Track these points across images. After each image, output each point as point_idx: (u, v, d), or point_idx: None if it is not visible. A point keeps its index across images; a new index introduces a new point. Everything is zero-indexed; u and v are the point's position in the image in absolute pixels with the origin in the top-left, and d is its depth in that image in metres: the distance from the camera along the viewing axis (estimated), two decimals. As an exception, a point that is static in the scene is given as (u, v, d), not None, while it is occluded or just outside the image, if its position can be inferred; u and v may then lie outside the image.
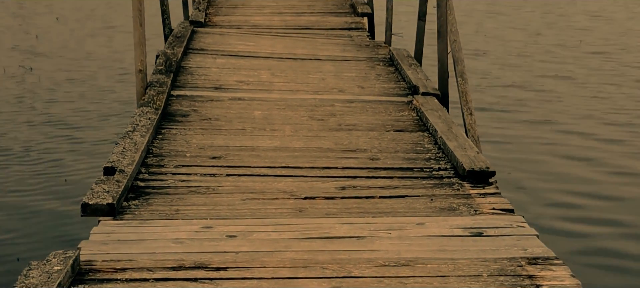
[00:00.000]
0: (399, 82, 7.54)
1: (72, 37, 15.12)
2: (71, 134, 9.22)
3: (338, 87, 7.27)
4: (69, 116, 10.00)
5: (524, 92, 11.68)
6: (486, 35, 16.11)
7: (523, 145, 9.13)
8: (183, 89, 7.03)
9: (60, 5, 18.24)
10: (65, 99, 10.88)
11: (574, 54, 14.40)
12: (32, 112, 10.24)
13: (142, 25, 6.64)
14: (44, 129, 9.44)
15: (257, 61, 8.15)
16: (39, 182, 7.81)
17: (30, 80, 11.88)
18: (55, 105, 10.58)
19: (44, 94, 11.10)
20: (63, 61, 13.14)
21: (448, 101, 6.92)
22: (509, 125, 9.98)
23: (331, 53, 8.74)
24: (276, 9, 12.05)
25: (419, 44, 8.16)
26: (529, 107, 10.87)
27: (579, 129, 9.87)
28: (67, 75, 12.24)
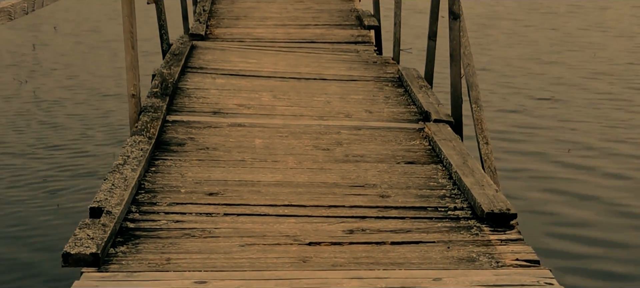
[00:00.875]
0: (409, 105, 7.11)
1: (72, 49, 14.60)
2: (61, 162, 8.66)
3: (344, 112, 6.84)
4: (62, 138, 9.47)
5: (533, 117, 10.92)
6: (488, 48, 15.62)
7: (539, 179, 8.45)
8: (179, 113, 6.61)
9: (61, 14, 17.74)
10: (60, 117, 10.37)
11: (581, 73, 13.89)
12: (22, 131, 9.74)
13: (135, 48, 6.23)
14: (36, 151, 8.97)
15: (259, 81, 7.73)
16: (30, 206, 7.40)
17: (25, 94, 11.44)
18: (49, 123, 10.08)
19: (38, 113, 10.55)
20: (60, 74, 12.64)
21: (462, 128, 6.50)
22: (520, 153, 9.32)
23: (337, 72, 8.32)
24: (280, 20, 11.64)
25: (430, 65, 7.74)
26: (540, 133, 10.15)
27: (602, 160, 9.05)
28: (64, 91, 11.73)
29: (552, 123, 10.49)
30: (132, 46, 6.22)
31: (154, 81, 7.15)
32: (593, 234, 7.10)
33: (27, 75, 12.50)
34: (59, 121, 10.15)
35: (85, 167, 8.36)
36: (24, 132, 9.63)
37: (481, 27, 17.15)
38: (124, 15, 6.19)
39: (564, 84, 12.65)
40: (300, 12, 12.22)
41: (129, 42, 6.21)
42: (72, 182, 7.94)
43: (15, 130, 9.74)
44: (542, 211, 7.54)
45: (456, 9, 6.31)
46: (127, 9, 6.16)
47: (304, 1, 13.03)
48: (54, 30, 16.20)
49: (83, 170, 8.29)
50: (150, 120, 6.10)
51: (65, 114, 10.56)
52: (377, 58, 9.28)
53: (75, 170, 8.29)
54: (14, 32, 15.46)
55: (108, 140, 9.22)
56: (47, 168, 8.34)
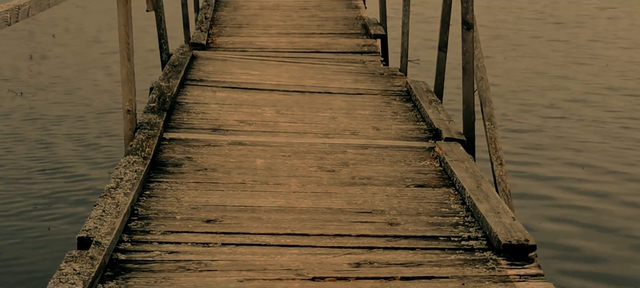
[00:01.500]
0: (418, 122, 6.78)
1: (70, 59, 14.09)
2: (54, 182, 8.22)
3: (350, 129, 6.51)
4: (57, 156, 9.02)
5: (543, 136, 10.25)
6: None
7: (554, 207, 7.88)
8: (177, 130, 6.28)
9: (61, 22, 17.27)
10: (55, 133, 9.89)
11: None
12: (15, 148, 9.31)
13: (131, 60, 5.91)
14: (29, 170, 8.58)
15: (261, 95, 7.40)
16: (19, 230, 7.07)
17: (19, 108, 11.03)
18: (44, 140, 9.60)
19: (32, 128, 10.06)
20: (57, 86, 12.21)
21: (474, 148, 6.17)
22: (532, 176, 8.70)
23: (342, 85, 7.99)
24: (284, 29, 11.32)
25: (440, 78, 7.41)
26: (552, 154, 9.53)
27: (618, 185, 8.44)
28: (61, 104, 11.26)
29: (564, 142, 9.93)
30: (128, 58, 5.90)
31: (151, 95, 6.83)
32: (615, 270, 6.65)
33: (22, 87, 12.05)
34: (54, 137, 9.71)
35: (80, 188, 7.97)
36: (17, 148, 9.21)
37: (485, 38, 16.79)
38: (120, 25, 5.88)
39: (576, 100, 11.99)
40: (304, 19, 11.91)
41: (124, 54, 5.90)
42: (66, 203, 7.58)
43: (8, 146, 9.33)
44: (560, 243, 7.06)
45: (469, 19, 5.98)
46: (124, 19, 5.85)
47: (309, 8, 12.71)
48: (53, 38, 15.75)
49: (78, 190, 7.91)
50: (145, 139, 5.78)
51: (61, 129, 10.11)
52: (384, 69, 8.95)
53: (69, 191, 7.89)
54: (10, 41, 15.06)
55: (105, 158, 8.83)
56: (39, 189, 7.95)
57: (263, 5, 12.94)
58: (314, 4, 12.98)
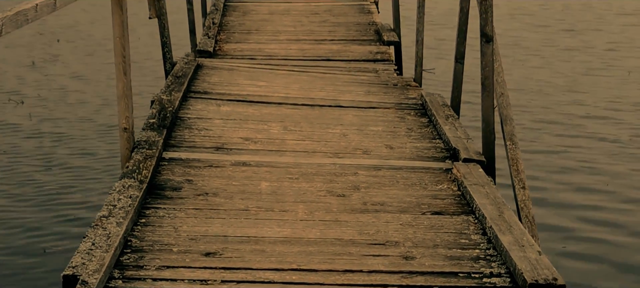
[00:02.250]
0: (434, 139, 6.38)
1: (74, 66, 13.57)
2: (50, 204, 7.72)
3: (362, 147, 6.12)
4: (54, 175, 8.51)
5: (565, 158, 9.38)
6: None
7: (579, 240, 7.14)
8: (178, 149, 5.91)
9: (66, 28, 16.79)
10: (54, 149, 9.37)
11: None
12: (12, 164, 8.80)
13: (127, 74, 5.54)
14: (24, 189, 8.13)
15: (268, 110, 7.02)
16: (9, 254, 6.71)
17: (18, 119, 10.52)
18: (42, 155, 9.07)
19: (30, 143, 9.52)
20: (59, 95, 11.73)
21: (495, 169, 5.77)
22: (555, 203, 7.95)
23: (354, 97, 7.60)
24: (294, 35, 10.94)
25: (456, 91, 7.01)
26: (575, 177, 8.74)
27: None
28: (62, 115, 10.74)
29: (589, 165, 9.12)
30: (125, 72, 5.54)
31: (151, 110, 6.46)
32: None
33: (23, 95, 11.60)
34: (53, 153, 9.20)
35: (78, 210, 7.54)
36: (14, 165, 8.77)
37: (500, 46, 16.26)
38: (115, 37, 5.51)
39: (594, 117, 11.15)
40: (315, 25, 11.53)
41: (120, 68, 5.53)
42: (60, 228, 7.19)
43: (4, 162, 8.91)
44: (589, 283, 6.47)
45: (489, 31, 5.59)
46: (119, 30, 5.48)
47: (320, 13, 12.34)
48: (57, 43, 15.32)
49: (76, 213, 7.49)
50: (143, 159, 5.41)
51: (61, 143, 9.59)
52: (397, 79, 8.57)
53: (65, 215, 7.45)
54: (14, 46, 14.63)
55: (106, 172, 8.44)
56: (33, 212, 7.50)
57: (273, 9, 12.57)
58: (326, 9, 12.60)
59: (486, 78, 5.61)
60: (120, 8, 5.41)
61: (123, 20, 5.44)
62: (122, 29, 5.45)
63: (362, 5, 12.79)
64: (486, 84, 5.63)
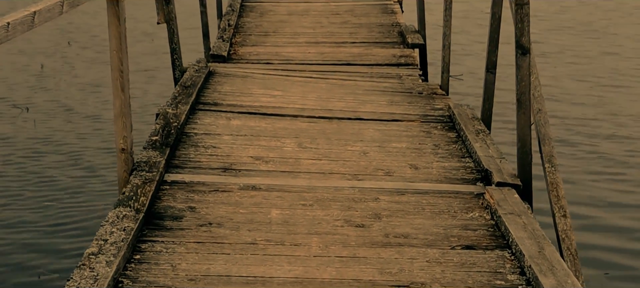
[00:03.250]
0: (463, 158, 5.82)
1: (85, 71, 12.79)
2: (45, 228, 7.06)
3: (384, 167, 5.57)
4: (54, 193, 7.83)
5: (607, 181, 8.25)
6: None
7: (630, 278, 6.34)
8: (181, 170, 5.38)
9: (78, 30, 16.06)
10: (56, 165, 8.57)
11: None
12: (8, 181, 8.13)
13: (125, 91, 5.03)
14: (19, 211, 7.51)
15: (282, 123, 6.48)
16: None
17: (22, 128, 9.85)
18: (41, 172, 8.32)
19: (30, 158, 8.73)
20: (67, 102, 11.05)
21: (531, 194, 5.21)
22: (596, 227, 7.13)
23: (375, 108, 7.05)
24: (313, 37, 10.40)
25: (487, 103, 6.45)
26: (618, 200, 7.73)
27: None
28: (68, 126, 10.00)
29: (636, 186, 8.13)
30: (122, 88, 5.02)
31: (155, 125, 5.94)
32: None
33: (29, 101, 10.97)
34: (54, 170, 8.43)
35: (75, 239, 6.96)
36: (10, 182, 8.13)
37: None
38: (111, 50, 5.00)
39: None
40: (336, 26, 10.97)
41: (117, 84, 5.02)
42: (55, 259, 6.65)
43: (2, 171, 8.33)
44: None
45: (525, 42, 5.02)
46: (116, 43, 4.97)
47: (341, 13, 11.78)
48: (68, 45, 14.69)
49: (73, 243, 6.91)
50: (141, 184, 4.89)
51: (64, 159, 8.79)
52: (422, 86, 8.00)
53: (60, 243, 6.85)
54: (22, 48, 14.04)
55: (112, 195, 7.74)
56: (26, 238, 6.89)
57: (292, 10, 12.03)
58: (347, 9, 12.05)
59: (522, 93, 5.05)
60: (117, 19, 4.89)
61: (121, 32, 4.92)
62: (120, 41, 4.94)
63: (385, 5, 12.23)
64: (522, 100, 5.06)
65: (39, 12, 3.85)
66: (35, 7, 3.85)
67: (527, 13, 4.90)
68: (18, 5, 14.49)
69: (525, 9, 4.88)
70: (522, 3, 4.86)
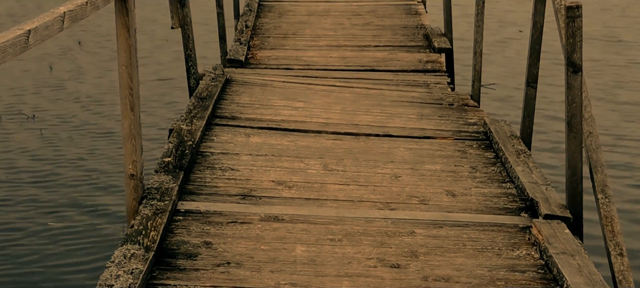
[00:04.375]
0: (504, 182, 5.32)
1: (96, 74, 12.10)
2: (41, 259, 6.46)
3: (418, 194, 5.08)
4: (59, 208, 7.29)
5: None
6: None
7: None
8: (196, 197, 4.91)
9: (89, 30, 15.35)
10: (58, 186, 7.90)
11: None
12: (12, 192, 7.57)
13: (135, 111, 4.56)
14: (22, 219, 7.04)
15: (306, 140, 6.00)
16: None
17: (26, 138, 9.18)
18: (42, 191, 7.71)
19: (31, 176, 8.06)
20: (75, 109, 10.44)
21: (582, 227, 4.71)
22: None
23: (405, 123, 6.56)
24: (334, 39, 9.92)
25: (528, 120, 5.95)
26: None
27: None
28: (75, 136, 9.39)
29: None
30: (132, 108, 4.55)
31: (167, 145, 5.47)
32: None
33: (36, 107, 10.32)
34: (56, 191, 7.76)
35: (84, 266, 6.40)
36: (13, 193, 7.59)
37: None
38: (120, 65, 4.53)
39: None
40: (358, 28, 10.49)
41: (126, 102, 4.55)
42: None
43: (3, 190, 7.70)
44: None
45: (577, 59, 4.52)
46: (125, 57, 4.50)
47: (363, 14, 11.30)
48: (79, 45, 14.05)
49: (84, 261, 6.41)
50: (152, 215, 4.43)
51: (68, 177, 8.10)
52: (452, 96, 7.52)
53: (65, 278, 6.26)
54: (31, 50, 13.28)
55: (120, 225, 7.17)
56: (24, 270, 6.34)
57: (311, 10, 11.55)
58: (368, 9, 11.56)
59: (573, 116, 4.55)
60: (126, 30, 4.43)
61: (130, 44, 4.46)
62: (130, 55, 4.47)
63: (409, 6, 11.73)
64: (573, 123, 4.56)
65: (35, 30, 3.38)
66: (30, 25, 3.39)
67: (579, 27, 4.40)
68: (45, 7, 13.85)
69: (578, 22, 4.38)
70: (574, 16, 4.36)
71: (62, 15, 3.63)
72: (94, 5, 3.92)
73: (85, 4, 3.81)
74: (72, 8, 3.71)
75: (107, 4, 4.10)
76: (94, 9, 3.92)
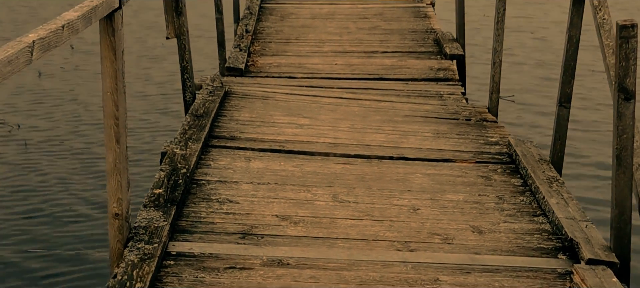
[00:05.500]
0: (535, 216, 4.74)
1: (86, 81, 11.40)
2: None
3: (441, 231, 4.51)
4: (39, 232, 6.65)
5: None
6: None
7: None
8: (190, 236, 4.34)
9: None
10: (44, 192, 7.42)
11: None
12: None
13: (121, 143, 3.99)
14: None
15: (312, 165, 5.42)
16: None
17: (8, 151, 8.55)
18: (25, 202, 7.17)
19: (11, 192, 7.44)
20: (62, 117, 9.81)
21: (629, 274, 4.14)
22: None
23: (421, 143, 5.99)
24: (340, 45, 9.35)
25: (559, 143, 5.38)
26: None
27: None
28: (59, 144, 8.78)
29: None
30: (118, 139, 3.98)
31: (158, 173, 4.89)
32: None
33: (21, 117, 9.66)
34: (37, 204, 7.18)
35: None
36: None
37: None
38: (104, 92, 3.96)
39: None
40: (364, 33, 9.92)
41: (111, 133, 3.98)
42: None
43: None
44: None
45: (630, 85, 3.96)
46: (111, 83, 3.93)
47: (369, 17, 10.72)
48: (71, 49, 13.33)
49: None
50: (138, 262, 3.86)
51: (56, 198, 7.42)
52: (469, 110, 6.96)
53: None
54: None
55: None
56: None
57: (315, 13, 10.97)
58: (375, 12, 10.98)
59: (623, 148, 3.98)
60: (113, 52, 3.85)
61: (117, 68, 3.88)
62: (116, 80, 3.90)
63: (417, 8, 11.15)
64: (623, 157, 3.99)
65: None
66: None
67: (634, 48, 3.83)
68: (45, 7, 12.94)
69: (632, 43, 3.81)
70: (629, 36, 3.79)
71: (31, 45, 3.03)
72: (72, 28, 3.34)
73: (61, 28, 3.23)
74: (44, 35, 3.12)
75: (88, 25, 3.52)
76: (72, 33, 3.33)
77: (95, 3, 3.56)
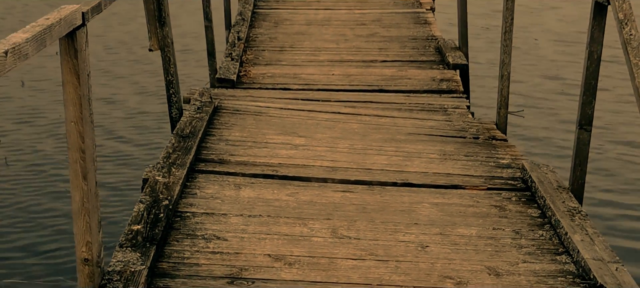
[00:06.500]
0: (557, 254, 4.26)
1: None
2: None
3: (453, 273, 4.02)
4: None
5: None
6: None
7: None
8: (171, 281, 3.84)
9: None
10: (14, 224, 6.87)
11: None
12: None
13: (88, 179, 3.50)
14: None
15: (308, 194, 4.93)
16: None
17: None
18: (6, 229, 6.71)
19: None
20: (44, 129, 9.30)
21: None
22: None
23: (427, 166, 5.50)
24: (337, 53, 8.88)
25: (580, 169, 4.88)
26: None
27: None
28: (42, 160, 8.29)
29: None
30: (84, 176, 3.49)
31: (137, 205, 4.40)
32: None
33: (2, 130, 9.18)
34: (11, 228, 6.75)
35: None
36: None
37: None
38: (68, 121, 3.47)
39: None
40: (362, 40, 9.45)
41: (77, 168, 3.49)
42: None
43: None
44: None
45: (665, 113, 3.47)
46: (75, 111, 3.44)
47: (367, 24, 10.25)
48: (56, 55, 12.71)
49: None
50: (111, 317, 3.37)
51: (27, 219, 6.98)
52: (476, 126, 6.49)
53: None
54: None
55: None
56: None
57: (311, 19, 10.49)
58: (373, 18, 10.51)
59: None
60: (76, 76, 3.36)
61: (81, 94, 3.39)
62: (81, 108, 3.40)
63: (417, 14, 10.68)
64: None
65: None
66: None
67: (677, 72, 3.35)
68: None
69: (675, 66, 3.33)
70: (671, 58, 3.31)
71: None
72: (19, 54, 2.83)
73: (3, 54, 2.72)
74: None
75: (42, 48, 3.02)
76: (18, 59, 2.83)
77: (51, 21, 3.06)
